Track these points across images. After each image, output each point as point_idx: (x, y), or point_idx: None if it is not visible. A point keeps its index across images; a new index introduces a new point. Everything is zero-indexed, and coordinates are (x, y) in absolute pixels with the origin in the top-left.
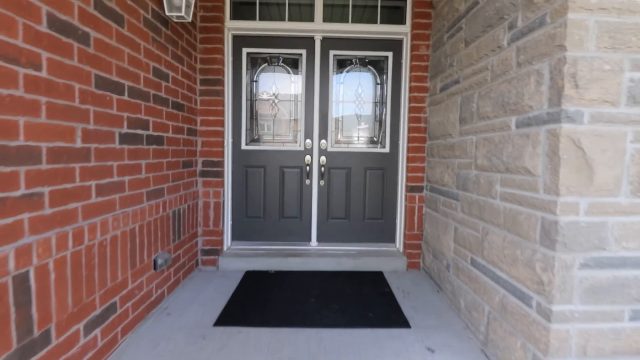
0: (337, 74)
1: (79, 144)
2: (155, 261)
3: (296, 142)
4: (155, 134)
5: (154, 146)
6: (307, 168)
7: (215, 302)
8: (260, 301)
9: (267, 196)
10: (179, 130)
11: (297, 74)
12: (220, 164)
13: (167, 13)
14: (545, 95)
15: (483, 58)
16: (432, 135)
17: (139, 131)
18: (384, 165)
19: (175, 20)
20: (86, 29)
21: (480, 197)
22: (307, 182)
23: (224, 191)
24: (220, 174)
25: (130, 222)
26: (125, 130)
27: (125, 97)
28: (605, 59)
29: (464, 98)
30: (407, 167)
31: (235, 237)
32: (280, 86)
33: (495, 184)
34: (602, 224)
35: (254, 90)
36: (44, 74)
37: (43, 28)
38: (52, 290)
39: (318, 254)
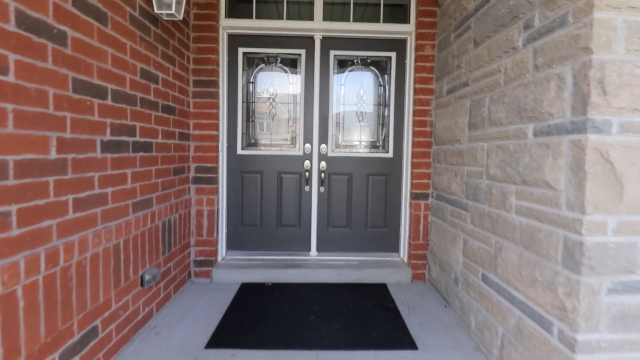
0: (337, 75)
1: (53, 155)
2: (142, 277)
3: (295, 146)
4: (143, 140)
5: (142, 153)
6: (307, 174)
7: (208, 318)
8: (256, 318)
9: (264, 203)
10: (170, 135)
11: (296, 74)
12: (215, 169)
13: (156, 10)
14: (567, 102)
15: (495, 60)
16: (439, 140)
17: (124, 138)
18: (387, 171)
19: (166, 18)
20: (63, 27)
21: (492, 209)
22: (307, 188)
23: (218, 198)
24: (214, 181)
25: (113, 238)
26: (108, 137)
27: (109, 102)
28: (636, 63)
29: (473, 102)
30: (412, 173)
31: (230, 246)
32: (278, 87)
33: (510, 196)
34: (633, 245)
35: (251, 92)
36: (11, 78)
37: (10, 27)
38: (21, 320)
39: (318, 265)
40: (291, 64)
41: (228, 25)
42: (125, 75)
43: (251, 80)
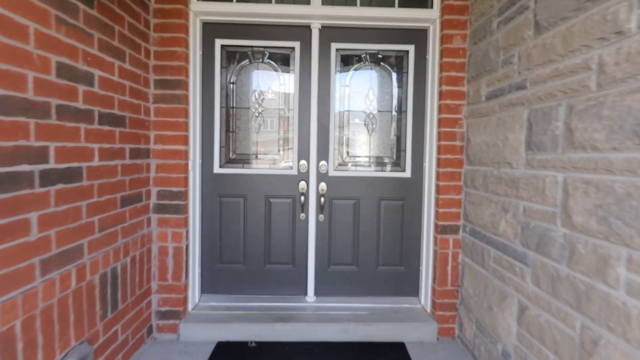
0: (341, 74)
1: None
2: None
3: (287, 163)
4: (63, 166)
5: (60, 186)
6: (302, 198)
7: None
8: None
9: (249, 236)
10: (115, 154)
11: (288, 73)
12: (183, 195)
13: None
14: None
15: (578, 51)
16: (475, 159)
17: (23, 167)
18: (403, 195)
19: None
20: None
21: (577, 274)
22: (302, 216)
23: (187, 231)
24: (182, 209)
25: None
26: None
27: None
28: None
29: (535, 112)
30: (437, 199)
31: (205, 289)
32: (266, 90)
33: (617, 265)
34: None
35: (232, 95)
36: None
37: None
38: None
39: (316, 317)
40: (282, 60)
41: (201, 10)
42: (25, 74)
43: (232, 81)
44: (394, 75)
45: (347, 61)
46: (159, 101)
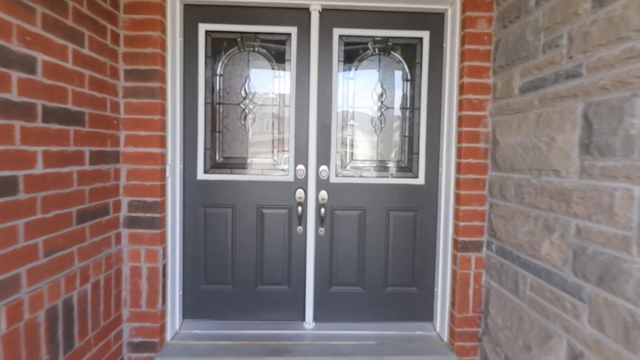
0: (344, 64)
1: None
2: None
3: (282, 168)
4: None
5: None
6: (300, 208)
7: None
8: None
9: (238, 252)
10: (70, 159)
11: (283, 65)
12: (159, 206)
13: None
14: None
15: None
16: (505, 165)
17: None
18: (416, 205)
19: None
20: None
21: None
22: (299, 229)
23: (165, 249)
24: (157, 223)
25: None
26: None
27: None
28: None
29: (596, 106)
30: (457, 211)
31: (188, 313)
32: (258, 84)
33: None
34: None
35: (218, 90)
36: None
37: None
38: None
39: (315, 349)
40: (277, 49)
41: None
42: None
43: (219, 73)
44: (406, 67)
45: (352, 51)
46: (130, 95)
